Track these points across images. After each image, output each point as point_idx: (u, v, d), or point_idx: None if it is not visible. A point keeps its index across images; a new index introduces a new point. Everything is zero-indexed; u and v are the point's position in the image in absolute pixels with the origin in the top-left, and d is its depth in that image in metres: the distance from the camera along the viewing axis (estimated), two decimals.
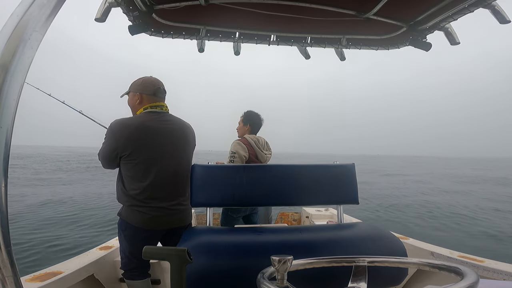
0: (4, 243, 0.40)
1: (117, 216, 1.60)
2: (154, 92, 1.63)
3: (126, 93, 1.70)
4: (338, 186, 1.70)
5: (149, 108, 1.62)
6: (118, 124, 1.53)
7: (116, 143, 1.49)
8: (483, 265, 1.62)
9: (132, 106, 1.68)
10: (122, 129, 1.51)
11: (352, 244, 1.29)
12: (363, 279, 0.73)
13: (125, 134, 1.50)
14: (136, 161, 1.51)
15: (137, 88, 1.64)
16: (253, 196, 1.63)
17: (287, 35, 1.97)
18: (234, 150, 2.50)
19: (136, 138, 1.51)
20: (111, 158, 1.53)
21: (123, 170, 1.55)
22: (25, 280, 1.38)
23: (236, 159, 2.47)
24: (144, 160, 1.52)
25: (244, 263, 1.16)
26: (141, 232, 1.53)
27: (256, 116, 2.72)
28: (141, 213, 1.52)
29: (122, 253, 1.62)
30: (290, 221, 3.70)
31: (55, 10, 0.44)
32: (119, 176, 1.59)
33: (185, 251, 0.74)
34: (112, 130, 1.52)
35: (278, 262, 0.67)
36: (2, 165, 0.40)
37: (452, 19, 1.55)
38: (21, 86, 0.41)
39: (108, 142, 1.53)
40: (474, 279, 0.55)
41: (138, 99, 1.63)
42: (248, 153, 2.52)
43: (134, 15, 1.58)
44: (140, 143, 1.51)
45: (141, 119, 1.57)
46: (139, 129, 1.52)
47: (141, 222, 1.52)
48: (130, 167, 1.52)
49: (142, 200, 1.52)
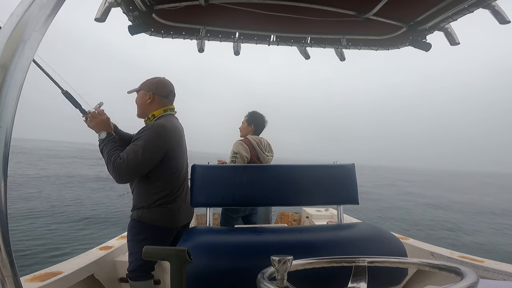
0: (4, 243, 0.40)
1: (131, 219, 1.60)
2: (167, 94, 1.66)
3: (135, 90, 1.68)
4: (338, 186, 1.70)
5: (169, 110, 1.67)
6: (163, 127, 1.53)
7: (164, 144, 1.52)
8: (483, 265, 1.62)
9: (140, 104, 1.66)
10: (168, 131, 1.54)
11: (352, 244, 1.29)
12: (363, 279, 0.73)
13: (171, 135, 1.56)
14: (171, 164, 1.58)
15: (150, 87, 1.63)
16: (253, 196, 1.63)
17: (287, 35, 1.97)
18: (236, 150, 2.49)
19: (174, 140, 1.59)
20: (155, 160, 1.50)
21: (157, 171, 1.54)
22: (25, 280, 1.38)
23: (238, 160, 2.47)
24: (175, 161, 1.61)
25: (244, 263, 1.16)
26: (162, 231, 1.59)
27: (260, 117, 2.72)
28: (167, 213, 1.57)
29: (133, 256, 1.58)
30: (290, 221, 3.70)
31: (55, 10, 0.44)
32: (143, 178, 1.55)
33: (185, 251, 0.74)
34: (157, 132, 1.50)
35: (278, 262, 0.67)
36: (2, 165, 0.40)
37: (452, 19, 1.55)
38: (20, 86, 0.41)
39: (154, 143, 1.48)
40: (474, 279, 0.55)
41: (149, 99, 1.62)
42: (250, 154, 2.51)
43: (134, 15, 1.58)
44: (176, 144, 1.60)
45: (173, 122, 1.63)
46: (175, 132, 1.60)
47: (164, 221, 1.57)
48: (163, 167, 1.56)
49: (169, 200, 1.58)
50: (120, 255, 1.95)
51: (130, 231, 1.60)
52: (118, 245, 2.00)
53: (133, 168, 1.46)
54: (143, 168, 1.49)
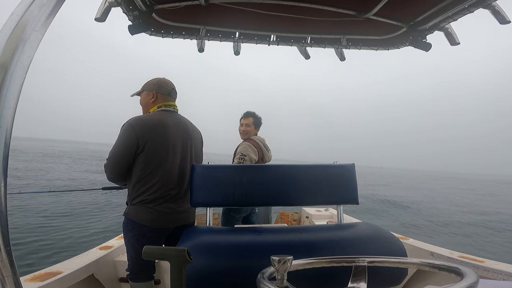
0: (4, 243, 0.40)
1: (123, 216, 1.59)
2: (169, 92, 1.69)
3: (138, 93, 1.72)
4: (338, 186, 1.70)
5: (163, 106, 1.66)
6: (137, 119, 1.54)
7: (136, 138, 1.49)
8: (483, 265, 1.62)
9: (144, 105, 1.70)
10: (142, 124, 1.52)
11: (352, 244, 1.29)
12: (363, 279, 0.73)
13: (145, 129, 1.51)
14: (150, 158, 1.52)
15: (152, 87, 1.68)
16: (253, 196, 1.63)
17: (287, 35, 1.97)
18: (245, 152, 2.48)
19: (155, 134, 1.53)
20: (128, 155, 1.50)
21: (136, 167, 1.54)
22: (24, 280, 1.38)
23: (246, 162, 2.46)
24: (158, 157, 1.54)
25: (244, 263, 1.15)
26: (150, 231, 1.54)
27: (260, 117, 2.74)
28: (150, 211, 1.53)
29: (128, 255, 1.60)
30: (290, 221, 3.70)
31: (55, 10, 0.44)
32: (129, 175, 1.57)
33: (185, 251, 0.74)
34: (131, 125, 1.51)
35: (278, 262, 0.67)
36: (1, 165, 0.40)
37: (452, 19, 1.55)
38: (20, 85, 0.41)
39: (125, 137, 1.50)
40: (474, 279, 0.55)
41: (153, 98, 1.66)
42: (258, 156, 2.52)
43: (134, 15, 1.58)
44: (158, 139, 1.53)
45: (158, 116, 1.61)
46: (158, 125, 1.55)
47: (150, 220, 1.53)
48: (144, 164, 1.52)
49: (152, 198, 1.53)
50: (120, 255, 1.95)
51: (124, 228, 1.60)
52: (118, 245, 2.00)
53: (111, 166, 1.53)
54: (119, 165, 1.52)
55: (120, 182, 1.62)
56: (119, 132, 1.53)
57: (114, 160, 1.52)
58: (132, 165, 1.54)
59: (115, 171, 1.54)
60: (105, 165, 1.56)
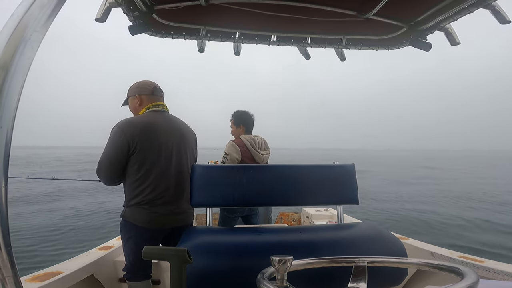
0: (4, 243, 0.40)
1: (120, 217, 1.59)
2: (152, 91, 1.68)
3: (125, 101, 1.73)
4: (338, 186, 1.70)
5: (152, 107, 1.65)
6: (126, 122, 1.53)
7: (126, 141, 1.48)
8: (483, 265, 1.62)
9: (133, 109, 1.70)
10: (131, 126, 1.51)
11: (352, 244, 1.29)
12: (363, 279, 0.73)
13: (135, 131, 1.50)
14: (143, 159, 1.51)
15: (134, 91, 1.68)
16: (253, 196, 1.63)
17: (287, 36, 1.97)
18: (228, 151, 2.46)
19: (145, 136, 1.52)
20: (120, 158, 1.50)
21: (129, 168, 1.53)
22: (25, 280, 1.39)
23: (228, 161, 2.43)
24: (151, 158, 1.53)
25: (244, 263, 1.16)
26: (146, 232, 1.53)
27: (245, 114, 2.61)
28: (146, 212, 1.52)
29: (125, 255, 1.61)
30: (290, 221, 3.70)
31: (56, 10, 0.44)
32: (125, 177, 1.57)
33: (185, 251, 0.74)
34: (120, 129, 1.50)
35: (278, 262, 0.67)
36: (2, 165, 0.40)
37: (452, 19, 1.55)
38: (21, 86, 0.41)
39: (116, 141, 1.49)
40: (474, 279, 0.55)
41: (138, 101, 1.66)
42: (242, 155, 2.45)
43: (134, 15, 1.58)
44: (149, 140, 1.53)
45: (148, 117, 1.60)
46: (147, 127, 1.54)
47: (147, 222, 1.52)
48: (137, 165, 1.52)
49: (147, 199, 1.52)
50: (119, 255, 1.95)
51: (121, 229, 1.61)
52: (117, 245, 2.00)
53: (105, 170, 1.53)
54: (113, 168, 1.51)
55: (117, 184, 1.61)
56: (109, 136, 1.52)
57: (107, 163, 1.51)
58: (126, 166, 1.54)
59: (109, 174, 1.53)
60: (98, 170, 1.55)
